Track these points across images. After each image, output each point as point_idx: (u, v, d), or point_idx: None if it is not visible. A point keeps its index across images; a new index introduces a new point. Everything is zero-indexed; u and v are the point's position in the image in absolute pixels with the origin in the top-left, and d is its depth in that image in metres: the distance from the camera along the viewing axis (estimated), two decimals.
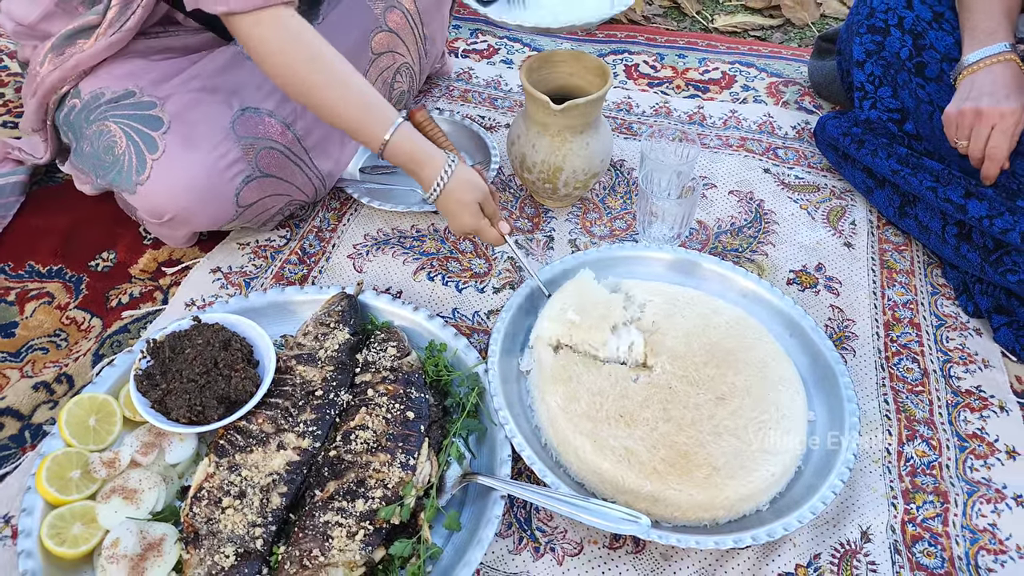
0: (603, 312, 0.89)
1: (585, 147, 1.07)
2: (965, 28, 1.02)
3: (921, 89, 1.08)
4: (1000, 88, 0.93)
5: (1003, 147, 0.93)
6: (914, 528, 0.78)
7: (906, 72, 1.09)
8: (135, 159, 0.94)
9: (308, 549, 0.70)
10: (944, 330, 1.00)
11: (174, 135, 0.94)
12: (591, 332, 0.88)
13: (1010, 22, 0.99)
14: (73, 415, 0.78)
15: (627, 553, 0.75)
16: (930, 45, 1.09)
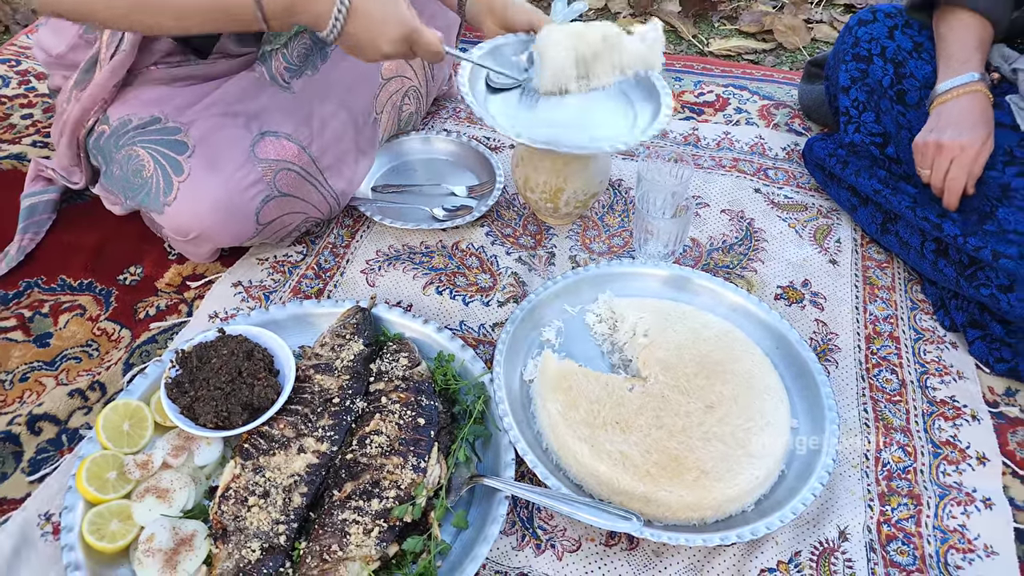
0: None
1: (584, 169, 1.14)
2: (940, 57, 1.09)
3: (902, 116, 1.15)
4: (965, 119, 0.99)
5: (960, 179, 1.00)
6: (889, 528, 0.84)
7: (888, 99, 1.16)
8: (162, 181, 1.00)
9: (328, 544, 0.76)
10: (922, 343, 1.06)
11: (198, 158, 1.01)
12: None
13: (982, 53, 1.06)
14: (109, 420, 0.84)
15: (622, 550, 0.81)
16: (910, 74, 1.16)
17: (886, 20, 1.18)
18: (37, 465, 0.88)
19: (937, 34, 1.12)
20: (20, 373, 0.97)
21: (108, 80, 1.03)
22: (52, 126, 1.15)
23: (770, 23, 1.84)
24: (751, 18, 1.87)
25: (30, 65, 1.56)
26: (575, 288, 1.07)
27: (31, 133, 1.38)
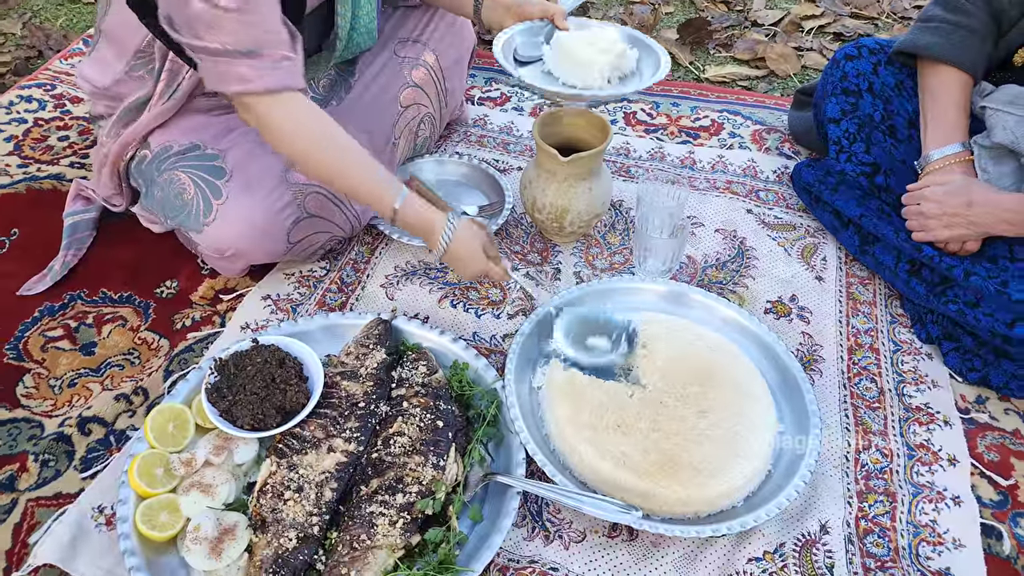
0: None
1: (588, 191, 1.23)
2: (929, 114, 1.17)
3: (894, 148, 1.24)
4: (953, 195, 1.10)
5: (939, 236, 1.12)
6: (866, 523, 0.92)
7: (880, 132, 1.24)
8: (202, 204, 1.09)
9: (357, 534, 0.84)
10: (900, 354, 1.14)
11: (235, 183, 1.10)
12: None
13: (966, 108, 1.16)
14: (156, 422, 0.92)
15: (623, 541, 0.89)
16: (897, 111, 1.25)
17: (870, 56, 1.27)
18: (88, 463, 0.96)
19: (923, 85, 1.20)
20: (68, 379, 1.06)
21: (154, 121, 1.13)
22: (92, 154, 1.24)
23: (763, 51, 1.94)
24: (745, 46, 1.97)
25: (64, 89, 1.65)
26: (580, 302, 1.15)
27: (68, 154, 1.47)
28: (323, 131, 0.99)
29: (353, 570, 0.80)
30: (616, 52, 1.19)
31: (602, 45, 1.18)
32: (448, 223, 1.05)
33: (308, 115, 0.98)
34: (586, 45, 1.18)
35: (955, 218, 1.09)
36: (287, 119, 0.96)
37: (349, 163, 1.01)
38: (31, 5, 2.07)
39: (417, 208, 1.05)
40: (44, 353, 1.09)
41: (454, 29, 1.45)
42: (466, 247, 1.06)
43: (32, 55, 1.86)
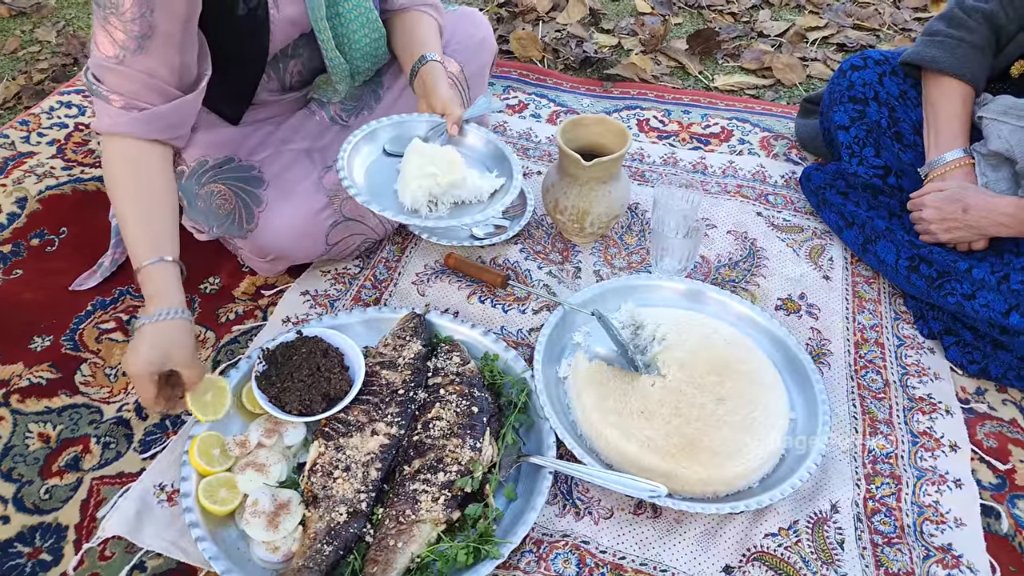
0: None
1: (608, 194, 1.30)
2: (930, 123, 1.25)
3: (902, 153, 1.31)
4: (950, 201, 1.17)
5: (941, 239, 1.19)
6: (873, 503, 0.99)
7: (888, 137, 1.32)
8: (244, 212, 1.16)
9: (402, 510, 0.90)
10: (904, 349, 1.21)
11: (274, 190, 1.17)
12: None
13: (967, 119, 1.23)
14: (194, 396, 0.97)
15: (648, 518, 0.96)
16: (902, 119, 1.32)
17: (875, 67, 1.34)
18: (147, 445, 1.02)
19: (927, 95, 1.28)
20: (123, 368, 1.12)
21: None
22: None
23: (769, 61, 2.01)
24: (752, 56, 2.05)
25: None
26: (601, 298, 1.22)
27: None
28: (133, 167, 1.02)
29: (400, 542, 0.87)
30: (442, 181, 1.11)
31: (431, 169, 1.11)
32: (167, 312, 0.95)
33: (122, 163, 1.02)
34: (421, 161, 1.11)
35: (953, 223, 1.17)
36: (105, 154, 1.03)
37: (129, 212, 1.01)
38: (64, 14, 2.15)
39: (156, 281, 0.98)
40: (99, 344, 1.16)
41: (476, 39, 1.52)
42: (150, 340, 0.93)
43: (68, 62, 1.93)
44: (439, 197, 1.12)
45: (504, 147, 1.24)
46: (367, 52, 1.25)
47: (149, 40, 0.97)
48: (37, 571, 0.89)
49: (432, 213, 1.12)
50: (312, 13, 1.13)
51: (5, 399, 1.07)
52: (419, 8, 1.31)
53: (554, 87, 1.86)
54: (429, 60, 1.23)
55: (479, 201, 1.16)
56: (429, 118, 1.22)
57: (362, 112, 1.34)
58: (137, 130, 1.01)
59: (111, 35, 0.97)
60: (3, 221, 1.37)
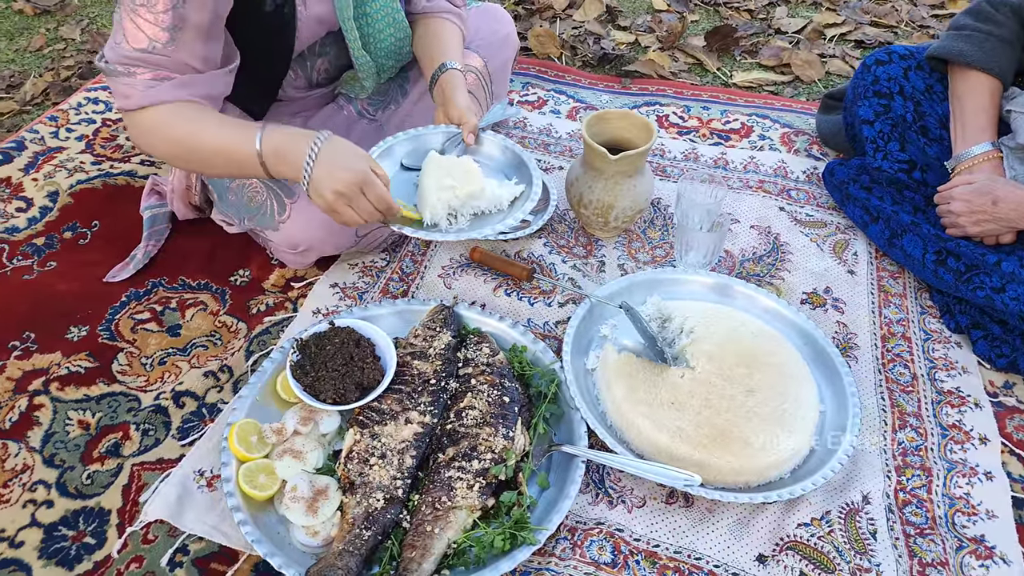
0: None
1: (633, 188, 1.31)
2: (957, 117, 1.25)
3: (928, 147, 1.31)
4: (979, 194, 1.17)
5: (970, 232, 1.19)
6: (904, 495, 0.99)
7: (914, 132, 1.32)
8: (276, 204, 1.17)
9: (438, 496, 0.91)
10: (930, 343, 1.21)
11: None
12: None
13: (995, 113, 1.23)
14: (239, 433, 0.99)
15: (680, 507, 0.97)
16: (928, 113, 1.33)
17: (900, 61, 1.35)
18: (185, 432, 1.04)
19: (954, 89, 1.28)
20: (158, 358, 1.14)
21: None
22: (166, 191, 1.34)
23: (788, 57, 2.02)
24: (770, 52, 2.05)
25: None
26: (627, 291, 1.23)
27: (137, 153, 1.56)
28: (179, 131, 0.99)
29: (437, 527, 0.88)
30: (460, 193, 1.11)
31: (449, 182, 1.11)
32: (315, 140, 0.97)
33: (167, 120, 0.99)
34: (439, 175, 1.11)
35: (982, 215, 1.17)
36: (149, 127, 1.00)
37: (203, 141, 0.99)
38: (87, 12, 2.17)
39: (281, 134, 0.98)
40: (134, 334, 1.17)
41: (499, 36, 1.53)
42: (339, 153, 0.96)
43: (92, 59, 1.96)
44: (458, 209, 1.12)
45: (522, 152, 1.24)
46: (392, 51, 1.27)
47: (180, 32, 0.97)
48: (82, 554, 0.91)
49: (452, 226, 1.12)
50: (340, 13, 1.14)
51: (45, 387, 1.09)
52: (443, 15, 1.31)
53: (573, 83, 1.87)
54: (449, 68, 1.23)
55: (499, 210, 1.16)
56: (445, 129, 1.22)
57: (389, 106, 1.36)
58: (173, 95, 0.98)
59: (140, 27, 0.96)
60: (36, 214, 1.39)
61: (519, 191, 1.18)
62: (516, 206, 1.16)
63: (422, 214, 1.11)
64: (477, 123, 1.20)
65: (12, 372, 1.11)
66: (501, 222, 1.12)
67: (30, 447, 1.02)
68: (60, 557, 0.90)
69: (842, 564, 0.91)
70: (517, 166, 1.24)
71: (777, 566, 0.90)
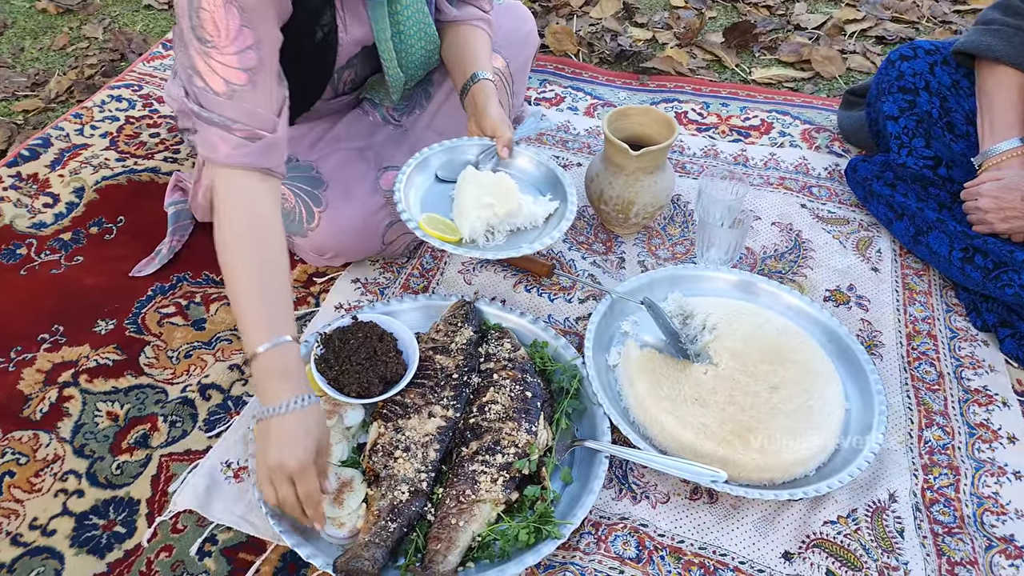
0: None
1: (654, 184, 1.30)
2: (985, 113, 1.23)
3: (954, 143, 1.30)
4: (1008, 190, 1.15)
5: (998, 229, 1.18)
6: (932, 494, 0.98)
7: (939, 128, 1.30)
8: (304, 212, 1.18)
9: (462, 489, 0.92)
10: (957, 341, 1.20)
11: (333, 191, 1.19)
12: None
13: (1022, 118, 1.22)
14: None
15: (704, 503, 0.97)
16: (954, 108, 1.31)
17: (926, 56, 1.33)
18: (212, 424, 1.05)
19: (981, 84, 1.26)
20: (184, 351, 1.15)
21: None
22: (191, 192, 1.34)
23: (807, 54, 2.00)
24: (790, 49, 2.04)
25: (150, 89, 1.76)
26: (648, 287, 1.23)
27: (160, 150, 1.58)
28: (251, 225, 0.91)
29: (462, 520, 0.88)
30: (499, 211, 1.10)
31: (487, 199, 1.10)
32: (301, 400, 0.85)
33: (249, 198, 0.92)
34: (477, 191, 1.10)
35: (1011, 212, 1.15)
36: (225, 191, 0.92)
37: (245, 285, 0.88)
38: (110, 11, 2.20)
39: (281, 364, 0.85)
40: (160, 327, 1.19)
41: (521, 34, 1.53)
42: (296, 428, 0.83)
43: (115, 58, 1.98)
44: (496, 227, 1.12)
45: (556, 169, 1.23)
46: (422, 62, 1.26)
47: (258, 75, 0.91)
48: (112, 542, 0.92)
49: (489, 243, 1.12)
50: (378, 35, 1.14)
51: (74, 379, 1.11)
52: (472, 23, 1.30)
53: (590, 80, 1.87)
54: (481, 79, 1.21)
55: (534, 227, 1.15)
56: (479, 141, 1.21)
57: (414, 111, 1.36)
58: (257, 160, 0.92)
59: (215, 70, 0.89)
60: (62, 210, 1.41)
61: (553, 208, 1.18)
62: (551, 224, 1.16)
63: (460, 230, 1.11)
64: (512, 136, 1.18)
65: (42, 364, 1.13)
66: (537, 240, 1.11)
67: (60, 438, 1.03)
68: (91, 545, 0.92)
69: (869, 562, 0.90)
70: (551, 181, 1.23)
71: (803, 563, 0.90)
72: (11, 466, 1.00)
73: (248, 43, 0.90)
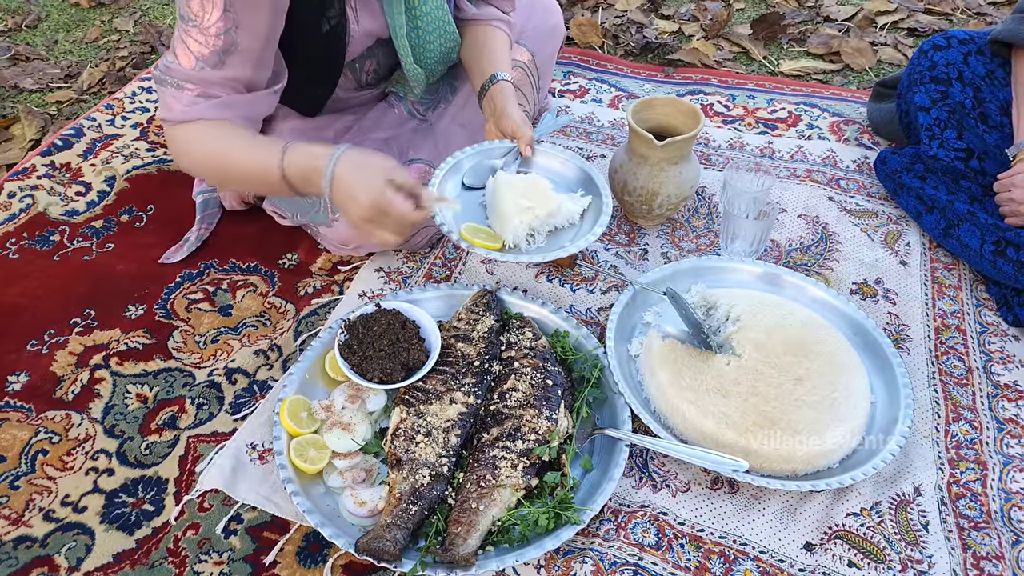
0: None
1: (679, 175, 1.30)
2: (1020, 108, 1.20)
3: (987, 135, 1.27)
4: None
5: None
6: (958, 488, 0.97)
7: (972, 119, 1.28)
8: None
9: (483, 474, 0.92)
10: (986, 336, 1.18)
11: None
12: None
13: None
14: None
15: (725, 493, 0.96)
16: (988, 99, 1.28)
17: (960, 46, 1.30)
18: (238, 407, 1.07)
19: (1017, 74, 1.23)
20: (211, 336, 1.18)
21: None
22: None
23: (837, 45, 1.97)
24: (819, 40, 2.00)
25: None
26: (671, 279, 1.22)
27: None
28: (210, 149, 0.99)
29: (482, 504, 0.89)
30: (540, 213, 1.10)
31: (525, 203, 1.10)
32: (333, 155, 0.92)
33: (201, 137, 0.99)
34: (514, 196, 1.10)
35: None
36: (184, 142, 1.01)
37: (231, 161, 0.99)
38: (140, 4, 2.24)
39: (305, 152, 0.95)
40: (188, 313, 1.21)
41: (548, 26, 1.53)
42: (353, 174, 0.90)
43: (146, 50, 2.02)
44: (537, 229, 1.12)
45: (584, 164, 1.22)
46: (441, 58, 1.26)
47: (229, 56, 0.96)
48: (141, 520, 0.94)
49: (531, 246, 1.12)
50: (394, 32, 1.14)
51: (105, 361, 1.14)
52: (492, 23, 1.30)
53: (615, 72, 1.86)
54: (499, 80, 1.20)
55: (571, 224, 1.15)
56: (500, 144, 1.20)
57: (439, 105, 1.37)
58: (214, 113, 0.98)
59: (189, 47, 0.95)
60: (94, 198, 1.45)
61: (587, 202, 1.18)
62: (588, 220, 1.16)
63: (503, 236, 1.11)
64: (532, 135, 1.18)
65: (74, 347, 1.16)
66: (579, 238, 1.12)
67: (92, 418, 1.06)
68: (121, 522, 0.94)
69: (892, 555, 0.89)
70: (579, 177, 1.22)
71: (825, 554, 0.89)
72: (44, 445, 1.03)
73: (227, 26, 0.94)
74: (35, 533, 0.94)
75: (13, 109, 1.77)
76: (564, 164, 1.24)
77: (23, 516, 0.95)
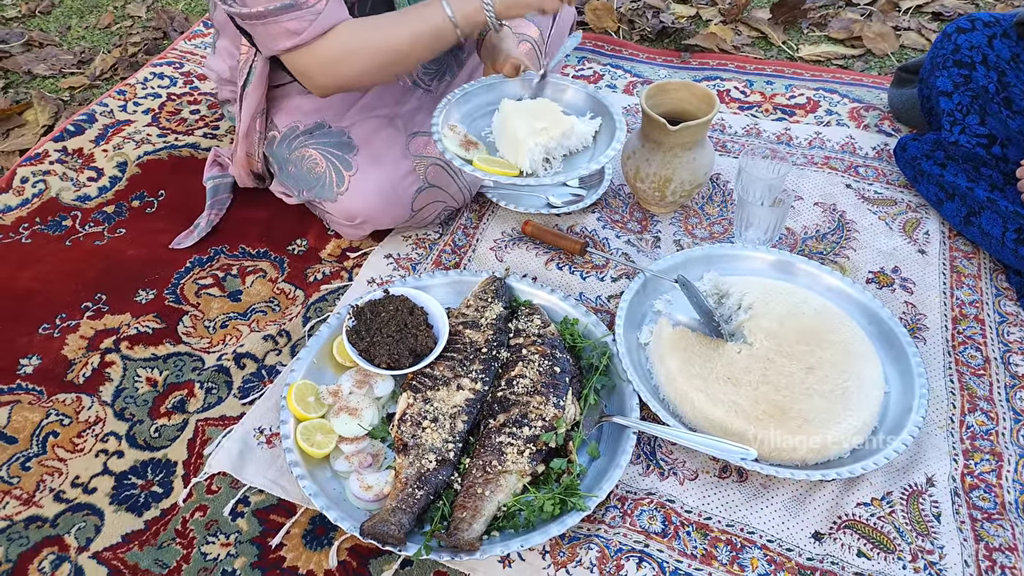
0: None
1: (692, 161, 1.27)
2: None
3: (1011, 120, 1.23)
4: None
5: None
6: (972, 479, 0.95)
7: (996, 104, 1.24)
8: (335, 176, 1.19)
9: (489, 460, 0.92)
10: (1006, 326, 1.15)
11: (363, 155, 1.20)
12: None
13: None
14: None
15: (733, 481, 0.95)
16: (1013, 83, 1.24)
17: (985, 29, 1.26)
18: (246, 392, 1.08)
19: None
20: (220, 321, 1.18)
21: (253, 107, 1.22)
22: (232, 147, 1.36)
23: (859, 30, 1.92)
24: (840, 25, 1.96)
25: (191, 67, 1.79)
26: (683, 266, 1.20)
27: (200, 126, 1.61)
28: (372, 41, 1.04)
29: (488, 490, 0.89)
30: (555, 133, 1.11)
31: (538, 124, 1.10)
32: None
33: (353, 35, 1.03)
34: (525, 121, 1.11)
35: None
36: (340, 51, 1.03)
37: (403, 40, 1.04)
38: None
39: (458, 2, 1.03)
40: (198, 298, 1.22)
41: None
42: None
43: (158, 36, 2.02)
44: (552, 151, 1.11)
45: (586, 87, 1.24)
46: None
47: None
48: (150, 501, 0.95)
49: (548, 172, 1.10)
50: None
51: (115, 345, 1.14)
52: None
53: (630, 58, 1.84)
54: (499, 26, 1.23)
55: (585, 147, 1.15)
56: (501, 80, 1.23)
57: (444, 76, 1.36)
58: (344, 14, 1.02)
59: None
60: (106, 184, 1.46)
61: (598, 124, 1.18)
62: (601, 141, 1.16)
63: (518, 163, 1.09)
64: (518, 59, 1.22)
65: (85, 331, 1.17)
66: (594, 159, 1.12)
67: (102, 401, 1.07)
68: (130, 504, 0.95)
69: (903, 545, 0.88)
70: (588, 103, 1.24)
71: (834, 544, 0.88)
72: (55, 427, 1.04)
73: None
74: (45, 513, 0.95)
75: (26, 95, 1.79)
76: (567, 92, 1.24)
77: (34, 496, 0.96)
